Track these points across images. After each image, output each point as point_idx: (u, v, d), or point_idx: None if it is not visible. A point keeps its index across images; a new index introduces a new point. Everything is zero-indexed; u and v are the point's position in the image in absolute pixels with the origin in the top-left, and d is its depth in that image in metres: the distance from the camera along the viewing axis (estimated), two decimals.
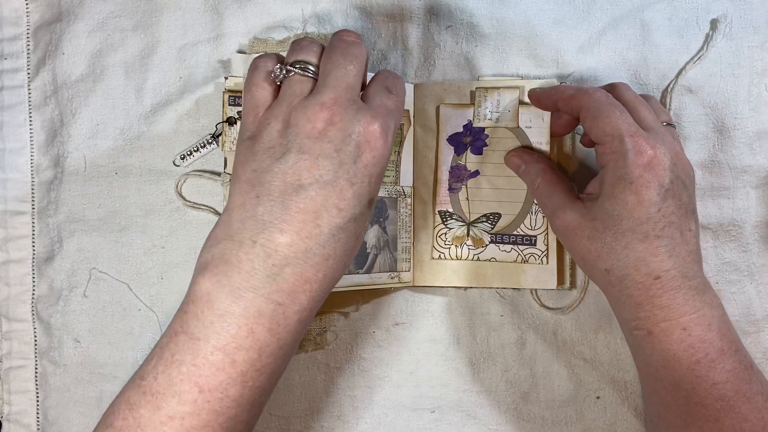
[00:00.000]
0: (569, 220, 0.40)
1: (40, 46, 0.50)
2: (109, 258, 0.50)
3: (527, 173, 0.44)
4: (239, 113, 0.47)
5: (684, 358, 0.37)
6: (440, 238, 0.47)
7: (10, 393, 0.51)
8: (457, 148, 0.46)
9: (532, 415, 0.48)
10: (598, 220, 0.38)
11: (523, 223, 0.46)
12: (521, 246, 0.46)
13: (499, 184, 0.46)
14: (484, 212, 0.46)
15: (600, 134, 0.38)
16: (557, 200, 0.41)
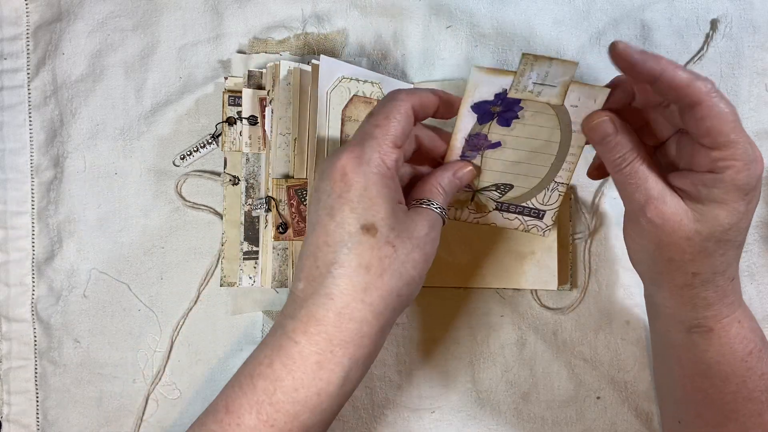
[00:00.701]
0: (670, 214, 0.35)
1: (40, 46, 0.50)
2: (109, 258, 0.50)
3: (616, 147, 0.36)
4: (239, 113, 0.47)
5: (739, 350, 0.38)
6: None
7: (9, 393, 0.51)
8: (481, 117, 0.40)
9: (532, 416, 0.48)
10: (703, 223, 0.35)
11: (535, 197, 0.42)
12: (527, 217, 0.43)
13: (521, 159, 0.41)
14: (496, 182, 0.42)
15: (722, 140, 0.34)
16: (655, 187, 0.36)
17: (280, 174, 0.44)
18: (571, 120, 0.39)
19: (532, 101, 0.39)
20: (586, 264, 0.48)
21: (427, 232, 0.36)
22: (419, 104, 0.37)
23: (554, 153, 0.41)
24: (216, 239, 0.50)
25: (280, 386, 0.34)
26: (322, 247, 0.34)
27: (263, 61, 0.49)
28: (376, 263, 0.34)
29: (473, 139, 0.41)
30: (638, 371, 0.48)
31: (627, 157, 0.36)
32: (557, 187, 0.42)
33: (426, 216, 0.36)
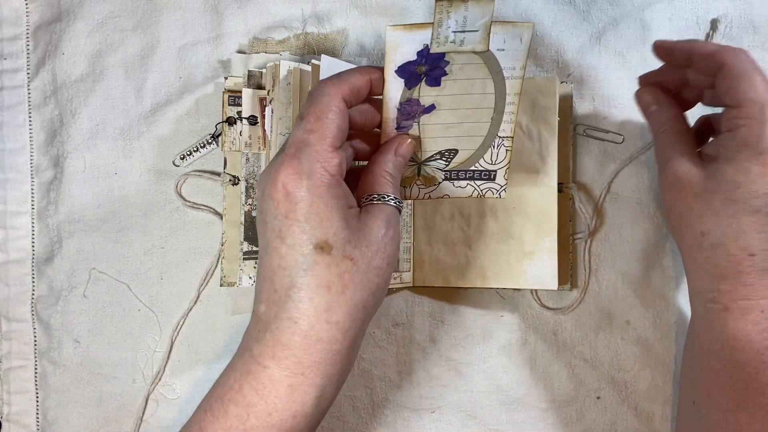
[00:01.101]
0: (682, 171, 0.38)
1: (40, 46, 0.50)
2: (108, 258, 0.50)
3: (658, 115, 0.42)
4: (239, 113, 0.47)
5: (756, 341, 0.36)
6: None
7: (9, 393, 0.50)
8: (408, 81, 0.37)
9: (533, 416, 0.48)
10: (711, 180, 0.37)
11: (482, 158, 0.40)
12: (478, 181, 0.41)
13: (459, 119, 0.38)
14: (439, 149, 0.39)
15: (739, 97, 0.36)
16: (678, 149, 0.40)
17: None
18: (501, 66, 0.37)
19: (457, 53, 0.36)
20: (586, 264, 0.48)
21: (384, 232, 0.34)
22: (349, 92, 0.34)
23: (492, 106, 0.38)
24: (216, 239, 0.50)
25: (252, 411, 0.33)
26: (277, 270, 0.33)
27: (263, 61, 0.49)
28: (336, 280, 0.32)
29: (405, 106, 0.38)
30: (638, 371, 0.48)
31: (663, 125, 0.41)
32: (502, 142, 0.39)
33: (380, 214, 0.35)
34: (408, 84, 0.37)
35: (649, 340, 0.47)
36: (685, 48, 0.39)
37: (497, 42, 0.36)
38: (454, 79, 0.37)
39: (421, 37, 0.35)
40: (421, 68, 0.36)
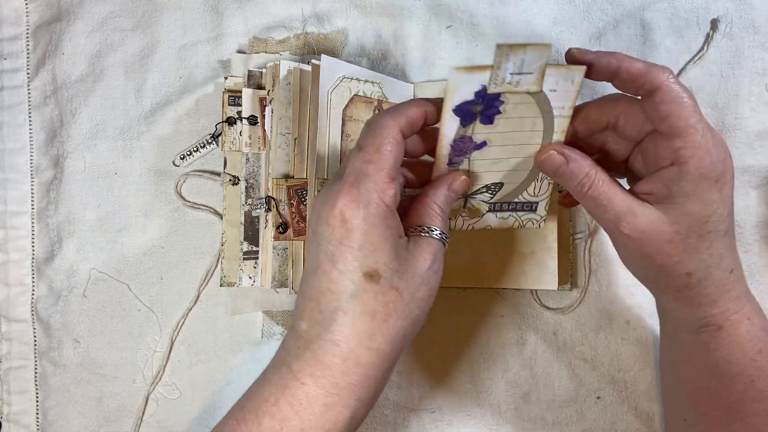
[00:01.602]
0: (643, 224, 0.35)
1: (40, 46, 0.50)
2: (108, 258, 0.50)
3: (572, 174, 0.37)
4: (239, 113, 0.47)
5: (748, 349, 0.37)
6: None
7: (9, 393, 0.50)
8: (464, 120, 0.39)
9: (532, 416, 0.48)
10: (679, 223, 0.35)
11: (526, 191, 0.41)
12: (520, 212, 0.42)
13: (508, 154, 0.40)
14: (486, 183, 0.41)
15: (681, 124, 0.34)
16: (622, 203, 0.36)
17: (280, 174, 0.44)
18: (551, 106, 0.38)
19: (512, 93, 0.37)
20: (586, 264, 0.48)
21: (429, 265, 0.35)
22: (406, 124, 0.35)
23: (539, 142, 0.39)
24: (216, 239, 0.50)
25: (287, 426, 0.34)
26: (325, 293, 0.34)
27: (263, 61, 0.49)
28: (381, 309, 0.33)
29: (458, 143, 0.39)
30: (638, 371, 0.48)
31: (585, 183, 0.36)
32: (545, 177, 0.41)
33: (428, 247, 0.35)
34: (463, 123, 0.38)
35: (649, 340, 0.47)
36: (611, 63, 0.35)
37: (550, 83, 0.37)
38: (506, 117, 0.38)
39: (480, 78, 0.37)
40: (477, 107, 0.38)
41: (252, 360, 0.50)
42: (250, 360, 0.50)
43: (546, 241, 0.46)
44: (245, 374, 0.50)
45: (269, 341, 0.50)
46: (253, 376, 0.50)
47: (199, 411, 0.50)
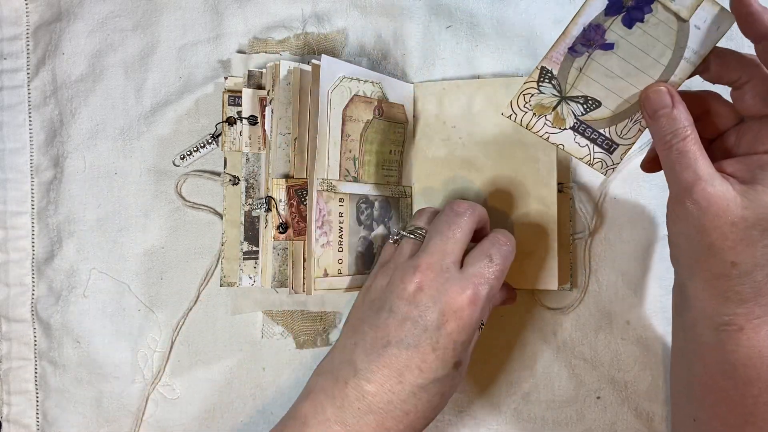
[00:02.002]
0: (717, 197, 0.33)
1: (40, 46, 0.50)
2: (108, 258, 0.50)
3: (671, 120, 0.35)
4: (239, 113, 0.47)
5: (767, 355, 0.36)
6: (525, 95, 0.39)
7: (9, 393, 0.50)
8: (611, 6, 0.37)
9: (532, 416, 0.48)
10: (750, 209, 0.33)
11: (615, 125, 0.39)
12: (597, 147, 0.40)
13: (623, 72, 0.38)
14: (588, 93, 0.39)
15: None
16: (704, 168, 0.34)
17: (280, 174, 0.44)
18: (687, 44, 0.36)
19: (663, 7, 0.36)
20: (586, 264, 0.48)
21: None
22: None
23: (657, 77, 0.37)
24: (216, 239, 0.50)
25: None
26: (413, 369, 0.36)
27: (263, 61, 0.49)
28: (448, 390, 0.38)
29: (590, 30, 0.37)
30: (638, 371, 0.48)
31: (679, 134, 0.35)
32: (641, 119, 0.38)
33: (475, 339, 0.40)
34: (608, 10, 0.37)
35: (649, 340, 0.47)
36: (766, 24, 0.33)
37: (699, 18, 0.36)
38: (644, 30, 0.37)
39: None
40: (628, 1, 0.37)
41: (252, 360, 0.50)
42: (250, 360, 0.50)
43: (546, 241, 0.46)
44: (245, 374, 0.50)
45: (269, 341, 0.50)
46: (253, 375, 0.50)
47: (199, 411, 0.50)
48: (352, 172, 0.45)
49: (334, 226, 0.44)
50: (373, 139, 0.46)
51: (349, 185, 0.45)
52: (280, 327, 0.50)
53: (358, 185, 0.46)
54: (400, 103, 0.47)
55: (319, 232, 0.43)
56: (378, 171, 0.47)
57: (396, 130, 0.47)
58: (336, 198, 0.44)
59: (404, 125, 0.48)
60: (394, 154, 0.47)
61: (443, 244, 0.38)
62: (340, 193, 0.45)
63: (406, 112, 0.48)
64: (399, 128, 0.47)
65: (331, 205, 0.44)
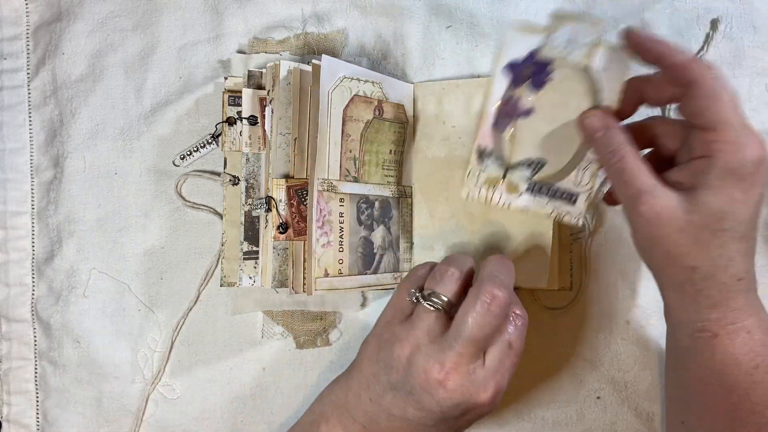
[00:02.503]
0: (661, 207, 0.35)
1: (40, 46, 0.50)
2: (108, 258, 0.50)
3: (608, 142, 0.37)
4: (239, 113, 0.47)
5: (744, 363, 0.36)
6: (473, 176, 0.42)
7: (9, 393, 0.50)
8: (514, 79, 0.39)
9: (532, 416, 0.48)
10: (695, 213, 0.34)
11: (568, 177, 0.40)
12: (559, 201, 0.41)
13: (552, 129, 0.40)
14: (528, 157, 0.40)
15: (714, 119, 0.34)
16: (645, 181, 0.35)
17: (280, 174, 0.44)
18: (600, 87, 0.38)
19: (562, 64, 0.38)
20: (586, 264, 0.48)
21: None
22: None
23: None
24: (216, 239, 0.50)
25: None
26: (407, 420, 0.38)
27: (263, 61, 0.49)
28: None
29: (506, 104, 0.40)
30: (638, 371, 0.48)
31: (616, 153, 0.36)
32: (590, 165, 0.40)
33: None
34: (513, 82, 0.39)
35: (649, 340, 0.47)
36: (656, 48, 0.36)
37: (601, 62, 0.38)
38: (554, 88, 0.39)
39: (534, 40, 0.38)
40: (528, 69, 0.39)
41: (252, 360, 0.50)
42: (250, 360, 0.50)
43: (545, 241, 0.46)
44: (245, 374, 0.50)
45: (269, 341, 0.50)
46: (253, 375, 0.50)
47: (199, 411, 0.50)
48: (352, 172, 0.45)
49: (335, 226, 0.44)
50: (374, 139, 0.46)
51: (349, 185, 0.45)
52: (280, 327, 0.50)
53: (358, 185, 0.46)
54: (400, 103, 0.47)
55: (319, 232, 0.43)
56: (378, 171, 0.47)
57: (396, 130, 0.47)
58: (336, 198, 0.44)
59: (404, 125, 0.48)
60: (394, 154, 0.47)
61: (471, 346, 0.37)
62: (341, 193, 0.45)
63: (406, 112, 0.48)
64: (399, 128, 0.47)
65: (332, 205, 0.44)
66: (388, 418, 0.38)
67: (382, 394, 0.38)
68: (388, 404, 0.38)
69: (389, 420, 0.38)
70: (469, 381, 0.37)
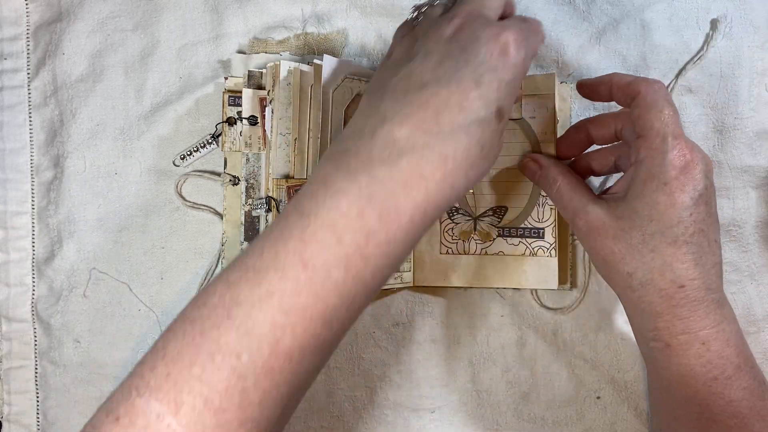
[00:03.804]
0: (593, 219, 0.38)
1: (40, 46, 0.50)
2: (109, 258, 0.50)
3: (545, 177, 0.42)
4: (239, 113, 0.47)
5: (701, 374, 0.36)
6: (447, 233, 0.47)
7: (10, 393, 0.51)
8: None
9: (532, 416, 0.48)
10: (624, 219, 0.37)
11: (530, 216, 0.45)
12: (529, 239, 0.45)
13: (505, 178, 0.46)
14: (491, 206, 0.46)
15: (645, 127, 0.36)
16: (579, 200, 0.39)
17: (280, 174, 0.44)
18: (534, 131, 0.45)
19: None
20: (586, 264, 0.48)
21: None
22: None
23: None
24: (216, 239, 0.50)
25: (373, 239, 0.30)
26: (453, 107, 0.31)
27: (263, 61, 0.49)
28: (488, 143, 0.33)
29: None
30: (638, 371, 0.48)
31: (552, 185, 0.41)
32: (546, 201, 0.45)
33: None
34: None
35: None
36: (606, 82, 0.39)
37: (528, 111, 0.45)
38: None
39: None
40: None
41: None
42: None
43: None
44: None
45: None
46: None
47: None
48: None
49: None
50: None
51: None
52: None
53: None
54: None
55: None
56: None
57: None
58: None
59: None
60: None
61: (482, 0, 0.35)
62: None
63: None
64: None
65: None
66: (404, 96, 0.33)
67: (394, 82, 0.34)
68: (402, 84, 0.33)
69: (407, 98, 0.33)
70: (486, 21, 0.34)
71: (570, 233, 0.48)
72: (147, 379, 0.29)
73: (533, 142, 0.45)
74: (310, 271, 0.29)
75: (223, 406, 0.28)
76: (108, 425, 0.30)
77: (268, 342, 0.28)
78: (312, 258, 0.29)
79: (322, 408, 0.50)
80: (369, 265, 0.30)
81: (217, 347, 0.28)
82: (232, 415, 0.28)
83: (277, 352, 0.29)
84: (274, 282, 0.29)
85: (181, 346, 0.29)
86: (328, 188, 0.31)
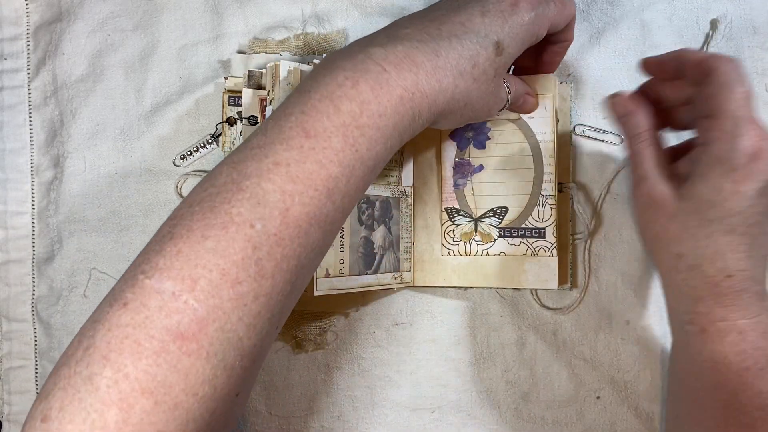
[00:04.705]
0: (656, 193, 0.37)
1: (40, 46, 0.50)
2: (109, 258, 0.50)
3: (633, 123, 0.39)
4: (239, 113, 0.47)
5: (734, 363, 0.36)
6: (448, 235, 0.47)
7: (10, 393, 0.51)
8: (459, 143, 0.46)
9: (532, 415, 0.48)
10: (685, 200, 0.36)
11: (530, 216, 0.45)
12: (530, 239, 0.45)
13: (504, 178, 0.46)
14: (491, 207, 0.46)
15: (716, 107, 0.34)
16: (653, 166, 0.38)
17: None
18: (533, 132, 0.45)
19: (494, 120, 0.45)
20: (586, 264, 0.48)
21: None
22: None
23: (531, 167, 0.45)
24: None
25: (367, 109, 0.32)
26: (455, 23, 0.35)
27: (263, 61, 0.49)
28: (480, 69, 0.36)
29: (459, 166, 0.46)
30: (638, 371, 0.48)
31: (637, 137, 0.39)
32: (546, 201, 0.45)
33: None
34: (459, 146, 0.46)
35: (649, 340, 0.47)
36: (674, 57, 0.38)
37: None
38: (495, 143, 0.46)
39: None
40: (468, 133, 0.46)
41: None
42: None
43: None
44: None
45: None
46: None
47: None
48: None
49: None
50: None
51: None
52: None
53: None
54: None
55: None
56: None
57: None
58: None
59: None
60: (395, 154, 0.47)
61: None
62: None
63: None
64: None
65: None
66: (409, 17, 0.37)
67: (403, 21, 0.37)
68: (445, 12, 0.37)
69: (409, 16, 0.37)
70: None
71: (570, 233, 0.48)
72: (154, 261, 0.28)
73: (533, 143, 0.45)
74: (313, 139, 0.31)
75: (239, 278, 0.28)
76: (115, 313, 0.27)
77: (279, 210, 0.29)
78: (313, 126, 0.31)
79: (322, 408, 0.50)
80: (365, 136, 0.32)
81: (230, 218, 0.29)
82: (248, 287, 0.28)
83: (288, 220, 0.29)
84: (279, 152, 0.30)
85: (190, 223, 0.29)
86: (327, 67, 0.33)
